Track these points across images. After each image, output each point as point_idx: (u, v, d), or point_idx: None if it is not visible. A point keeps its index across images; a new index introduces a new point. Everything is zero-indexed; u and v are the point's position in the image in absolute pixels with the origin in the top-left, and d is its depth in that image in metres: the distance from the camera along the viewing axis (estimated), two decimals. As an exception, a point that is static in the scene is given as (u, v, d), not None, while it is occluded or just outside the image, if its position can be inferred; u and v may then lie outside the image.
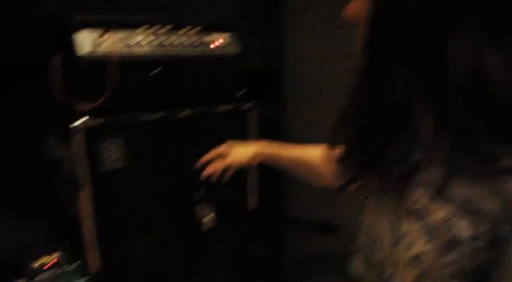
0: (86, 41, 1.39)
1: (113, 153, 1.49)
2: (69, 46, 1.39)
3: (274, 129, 2.38)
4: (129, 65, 1.46)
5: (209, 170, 1.36)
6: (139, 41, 1.51)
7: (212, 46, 1.69)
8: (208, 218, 1.62)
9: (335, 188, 1.09)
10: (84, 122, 1.41)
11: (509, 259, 0.56)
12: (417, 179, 0.65)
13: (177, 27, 1.60)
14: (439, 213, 0.60)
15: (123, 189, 1.54)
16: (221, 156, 1.41)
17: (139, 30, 1.52)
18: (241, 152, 1.33)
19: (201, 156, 1.53)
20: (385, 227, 0.69)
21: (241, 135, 1.82)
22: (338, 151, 0.95)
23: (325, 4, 2.18)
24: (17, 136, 2.05)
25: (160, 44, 1.55)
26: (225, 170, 1.38)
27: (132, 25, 1.50)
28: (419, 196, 0.63)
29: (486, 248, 0.57)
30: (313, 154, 1.18)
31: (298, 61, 2.31)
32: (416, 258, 0.62)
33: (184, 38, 1.62)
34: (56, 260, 1.48)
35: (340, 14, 0.72)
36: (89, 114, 1.42)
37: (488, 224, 0.57)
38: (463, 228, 0.58)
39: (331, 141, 0.78)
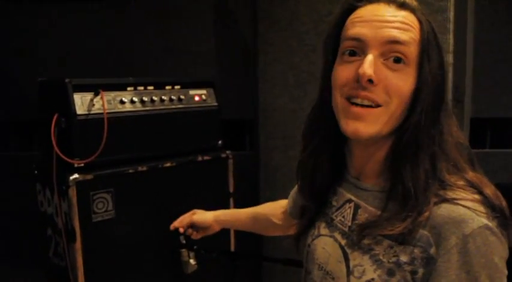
0: (80, 102, 1.52)
1: (103, 205, 1.59)
2: (64, 107, 1.52)
3: (250, 175, 2.52)
4: (118, 123, 1.60)
5: (176, 223, 1.51)
6: (128, 100, 1.66)
7: (196, 99, 1.87)
8: (192, 260, 1.71)
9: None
10: (77, 177, 1.52)
11: (437, 274, 0.70)
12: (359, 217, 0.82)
13: (159, 87, 1.77)
14: (381, 246, 0.76)
15: (112, 239, 1.63)
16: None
17: (127, 91, 1.68)
18: (203, 215, 1.49)
19: (185, 202, 1.64)
20: (337, 260, 0.84)
21: (222, 181, 1.96)
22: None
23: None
24: (14, 190, 2.11)
25: (146, 102, 1.71)
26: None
27: (120, 87, 1.66)
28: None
29: (421, 268, 0.72)
30: (266, 209, 1.35)
31: (271, 111, 2.47)
32: None
33: (168, 95, 1.78)
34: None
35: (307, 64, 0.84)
36: (81, 169, 1.53)
37: (420, 248, 0.72)
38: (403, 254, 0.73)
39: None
